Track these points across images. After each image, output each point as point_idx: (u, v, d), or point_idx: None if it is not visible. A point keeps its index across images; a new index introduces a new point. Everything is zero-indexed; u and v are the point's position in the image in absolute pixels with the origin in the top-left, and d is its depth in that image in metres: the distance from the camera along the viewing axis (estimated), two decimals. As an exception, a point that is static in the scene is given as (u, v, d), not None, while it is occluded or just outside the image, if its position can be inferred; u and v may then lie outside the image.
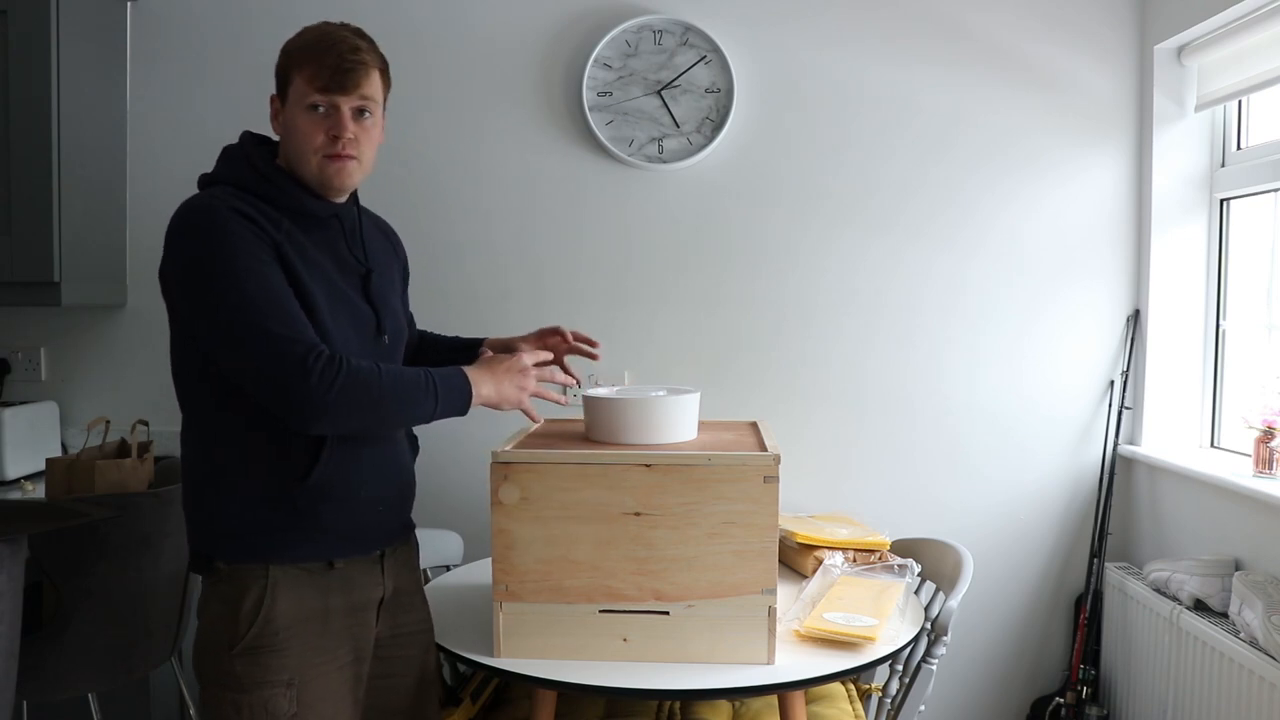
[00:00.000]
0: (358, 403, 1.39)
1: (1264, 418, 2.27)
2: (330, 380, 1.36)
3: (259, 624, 1.42)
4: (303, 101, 1.46)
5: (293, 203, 1.48)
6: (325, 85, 1.44)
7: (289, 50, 1.49)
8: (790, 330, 2.68)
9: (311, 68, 1.45)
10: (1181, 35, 2.49)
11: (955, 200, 2.66)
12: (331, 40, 1.46)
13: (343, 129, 1.46)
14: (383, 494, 1.55)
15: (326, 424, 1.40)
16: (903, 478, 2.70)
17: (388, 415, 1.45)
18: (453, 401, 1.48)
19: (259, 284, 1.37)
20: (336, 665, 1.48)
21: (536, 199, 2.67)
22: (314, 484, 1.44)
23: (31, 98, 2.31)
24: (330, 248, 1.52)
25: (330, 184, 1.49)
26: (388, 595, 1.57)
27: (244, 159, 1.50)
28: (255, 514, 1.44)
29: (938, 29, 2.63)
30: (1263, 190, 2.45)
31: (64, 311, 2.63)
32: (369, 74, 1.48)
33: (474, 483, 2.50)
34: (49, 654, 1.95)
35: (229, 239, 1.38)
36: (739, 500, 1.60)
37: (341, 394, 1.37)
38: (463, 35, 2.63)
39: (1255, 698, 1.98)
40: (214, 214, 1.40)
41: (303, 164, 1.48)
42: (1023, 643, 2.74)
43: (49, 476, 2.18)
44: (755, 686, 1.59)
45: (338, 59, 1.44)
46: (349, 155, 1.47)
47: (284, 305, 1.39)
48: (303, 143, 1.47)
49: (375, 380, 1.41)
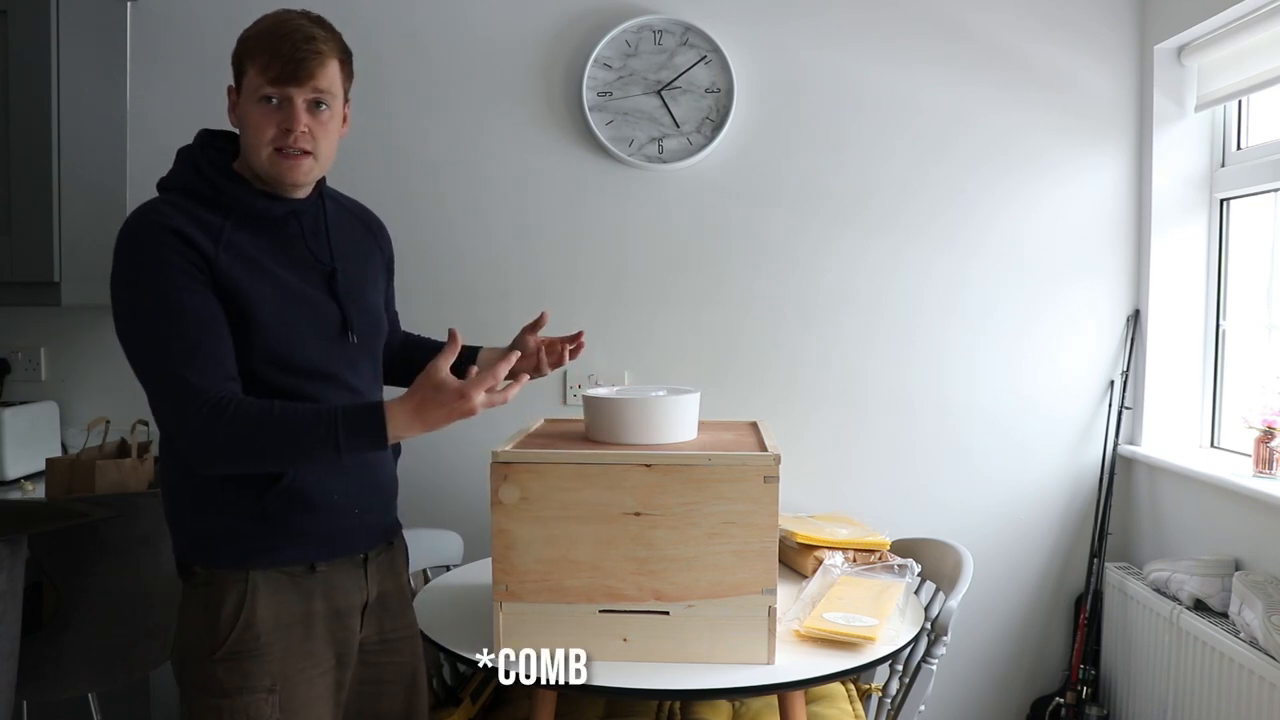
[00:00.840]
0: (245, 448, 1.35)
1: (1264, 418, 2.27)
2: (212, 430, 1.32)
3: (239, 628, 1.40)
4: (255, 93, 1.40)
5: (240, 207, 1.43)
6: (277, 76, 1.38)
7: (244, 38, 1.43)
8: (790, 330, 2.68)
9: (264, 57, 1.38)
10: (1181, 35, 2.49)
11: (955, 200, 2.66)
12: (286, 29, 1.40)
13: (295, 122, 1.39)
14: (359, 499, 1.51)
15: (218, 467, 1.38)
16: (903, 478, 2.70)
17: (280, 457, 1.38)
18: (358, 441, 1.35)
19: (171, 319, 1.35)
20: (320, 670, 1.46)
21: (536, 199, 2.67)
22: (284, 490, 1.42)
23: (31, 98, 2.31)
24: (286, 249, 1.47)
25: (282, 180, 1.43)
26: (371, 599, 1.54)
27: (191, 163, 1.46)
28: (230, 521, 1.42)
29: (938, 29, 2.63)
30: (1263, 190, 2.45)
31: (64, 311, 2.62)
32: (325, 64, 1.41)
33: (474, 483, 2.49)
34: (49, 654, 1.95)
35: (154, 266, 1.36)
36: (739, 500, 1.60)
37: (227, 442, 1.33)
38: (463, 35, 2.63)
39: (1255, 698, 1.98)
40: (147, 233, 1.38)
41: (255, 158, 1.42)
42: (1023, 643, 2.74)
43: (49, 476, 2.18)
44: (755, 686, 1.59)
45: (291, 48, 1.38)
46: (303, 149, 1.41)
47: (190, 343, 1.35)
48: (254, 136, 1.41)
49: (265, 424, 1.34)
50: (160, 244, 1.36)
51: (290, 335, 1.43)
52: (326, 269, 1.50)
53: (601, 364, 2.67)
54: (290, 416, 1.36)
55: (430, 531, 2.31)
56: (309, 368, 1.45)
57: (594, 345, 2.63)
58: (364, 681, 1.55)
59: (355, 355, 1.52)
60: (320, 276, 1.50)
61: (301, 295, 1.46)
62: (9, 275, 2.33)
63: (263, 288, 1.41)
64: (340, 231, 1.56)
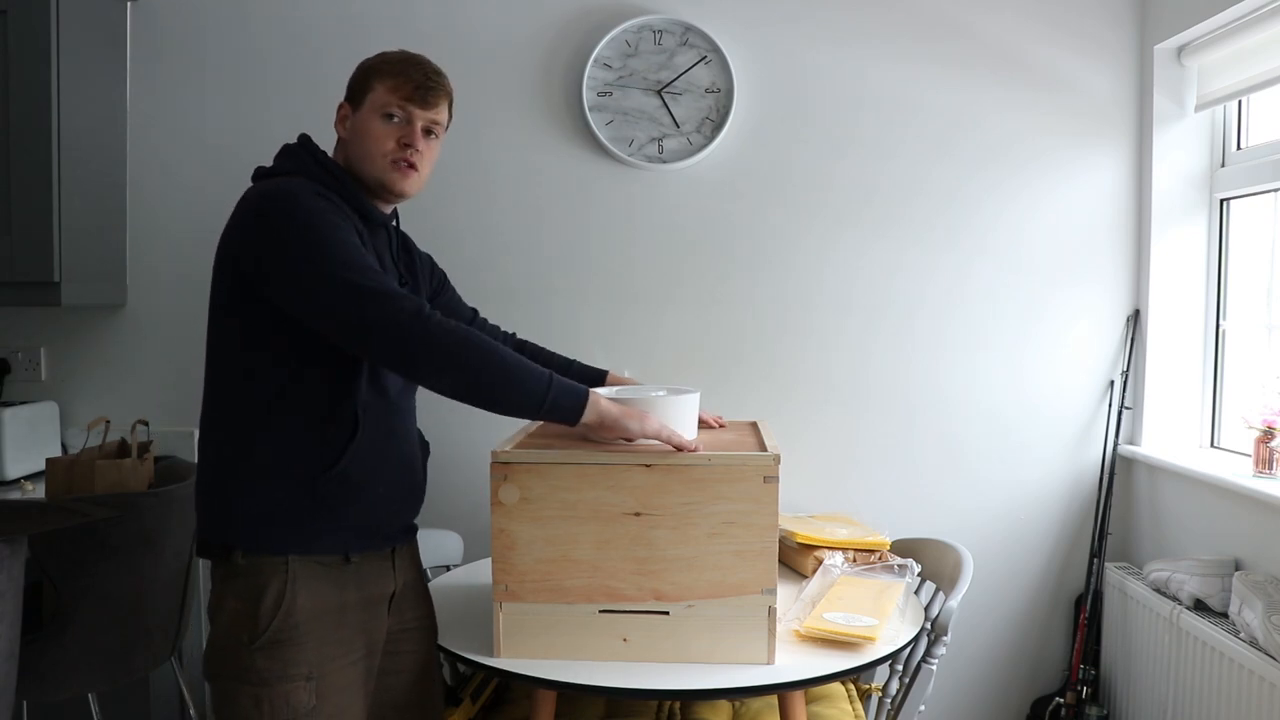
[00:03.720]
0: (474, 354, 1.42)
1: (1264, 418, 2.28)
2: (451, 328, 1.41)
3: (280, 617, 1.43)
4: (381, 109, 1.53)
5: (355, 201, 1.54)
6: (408, 96, 1.53)
7: (370, 64, 1.58)
8: (790, 330, 2.68)
9: (396, 79, 1.54)
10: (1181, 35, 2.49)
11: (955, 200, 2.66)
12: (419, 60, 1.58)
13: (415, 138, 1.55)
14: (397, 494, 1.58)
15: (442, 364, 1.41)
16: (903, 478, 2.70)
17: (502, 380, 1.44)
18: (565, 403, 1.49)
19: (362, 253, 1.44)
20: (351, 659, 1.50)
21: (536, 199, 2.67)
22: (337, 475, 1.46)
23: (31, 98, 2.31)
24: (380, 252, 1.58)
25: (393, 187, 1.55)
26: (398, 590, 1.60)
27: (309, 155, 1.55)
28: (282, 500, 1.45)
29: (938, 30, 2.63)
30: (1263, 190, 2.45)
31: (64, 311, 2.62)
32: (443, 99, 1.59)
33: (474, 483, 2.49)
34: (49, 654, 1.95)
35: (325, 214, 1.44)
36: (739, 500, 1.60)
37: (464, 342, 1.41)
38: (463, 35, 2.63)
39: (1255, 698, 1.98)
40: (300, 194, 1.44)
41: (369, 164, 1.54)
42: (1023, 643, 2.74)
43: (49, 476, 2.18)
44: (755, 686, 1.59)
45: (423, 77, 1.55)
46: (414, 164, 1.55)
47: (379, 269, 1.45)
48: (373, 145, 1.53)
49: (494, 346, 1.44)
50: (320, 201, 1.45)
51: None
52: (404, 281, 1.64)
53: (602, 364, 2.65)
54: (502, 350, 1.45)
55: (430, 531, 2.30)
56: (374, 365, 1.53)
57: (594, 345, 2.66)
58: (383, 671, 1.59)
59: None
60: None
61: None
62: (9, 275, 2.33)
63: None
64: (407, 253, 1.72)
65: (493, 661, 1.64)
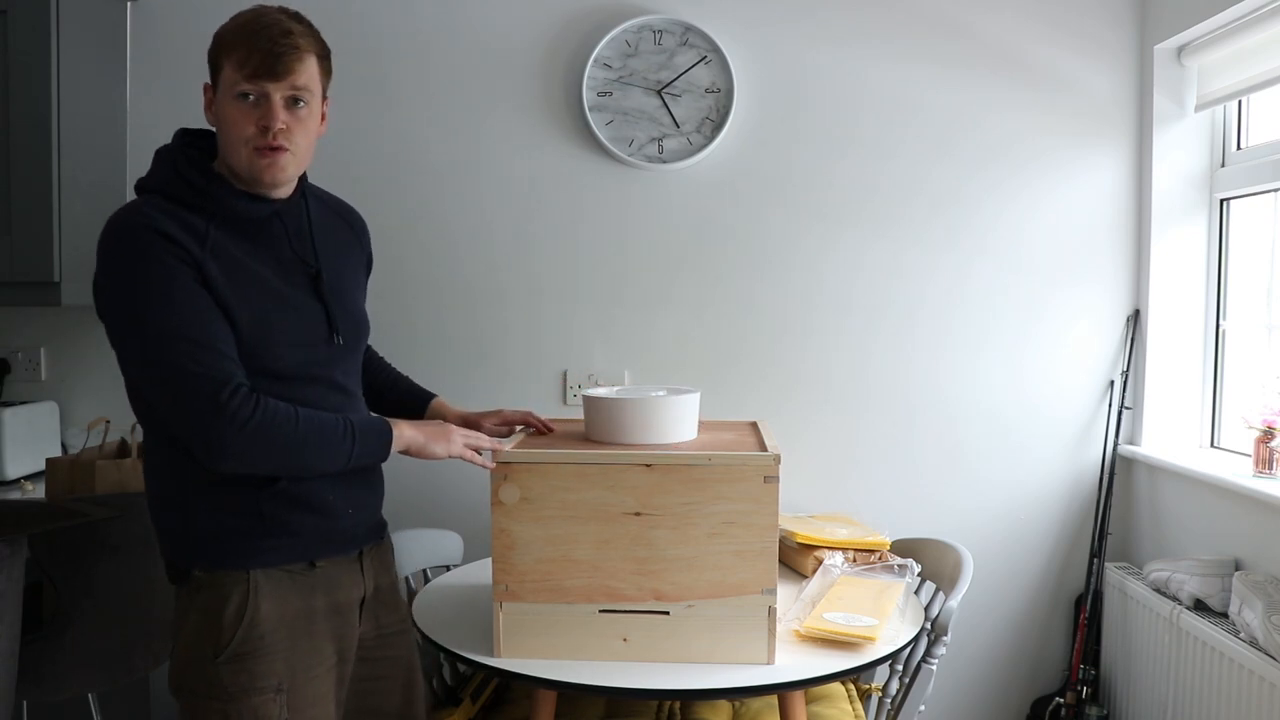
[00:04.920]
0: (271, 445, 1.35)
1: (1264, 418, 2.27)
2: (244, 420, 1.32)
3: (244, 629, 1.38)
4: (232, 90, 1.37)
5: (223, 209, 1.40)
6: (255, 72, 1.35)
7: (220, 34, 1.41)
8: (790, 330, 2.68)
9: (240, 53, 1.36)
10: (1181, 35, 2.49)
11: (956, 200, 2.66)
12: (263, 24, 1.37)
13: (273, 119, 1.37)
14: (353, 499, 1.51)
15: (236, 463, 1.34)
16: (903, 478, 2.70)
17: (302, 461, 1.40)
18: (371, 448, 1.45)
19: (174, 315, 1.32)
20: (324, 667, 1.46)
21: (536, 199, 2.66)
22: (279, 493, 1.41)
23: (31, 98, 2.31)
24: (270, 250, 1.45)
25: (261, 179, 1.40)
26: (369, 594, 1.55)
27: (171, 165, 1.42)
28: (227, 521, 1.41)
29: (938, 30, 2.63)
30: (1263, 190, 2.45)
31: (64, 311, 2.62)
32: (303, 60, 1.38)
33: (474, 483, 2.49)
34: (49, 654, 1.95)
35: (148, 265, 1.33)
36: (739, 500, 1.60)
37: (256, 434, 1.33)
38: (462, 35, 2.63)
39: (1255, 698, 1.98)
40: (135, 235, 1.35)
41: (233, 156, 1.40)
42: (1023, 643, 2.74)
43: (49, 476, 2.18)
44: (755, 686, 1.59)
45: (269, 43, 1.35)
46: (280, 147, 1.38)
47: (200, 337, 1.33)
48: (232, 133, 1.38)
49: (292, 424, 1.36)
50: (151, 244, 1.34)
51: (276, 339, 1.42)
52: (311, 270, 1.49)
53: (601, 364, 2.67)
54: (315, 419, 1.39)
55: (430, 531, 2.31)
56: (297, 372, 1.44)
57: (594, 345, 2.66)
58: (362, 678, 1.55)
59: (341, 356, 1.52)
60: (305, 278, 1.49)
61: (287, 299, 1.45)
62: (9, 275, 2.33)
63: (248, 291, 1.40)
64: (324, 230, 1.55)
65: (493, 661, 1.64)
